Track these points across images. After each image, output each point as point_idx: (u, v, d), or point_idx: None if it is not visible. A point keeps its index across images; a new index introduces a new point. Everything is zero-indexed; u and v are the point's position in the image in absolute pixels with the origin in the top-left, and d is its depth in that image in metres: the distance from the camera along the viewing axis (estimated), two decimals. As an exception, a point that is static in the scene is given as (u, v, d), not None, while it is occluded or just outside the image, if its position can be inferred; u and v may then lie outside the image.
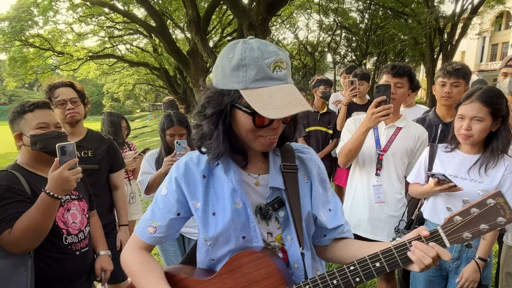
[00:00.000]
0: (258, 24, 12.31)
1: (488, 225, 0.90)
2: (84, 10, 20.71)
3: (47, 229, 1.46)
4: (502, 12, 30.49)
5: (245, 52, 0.91)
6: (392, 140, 2.18)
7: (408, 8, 21.82)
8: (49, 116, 1.62)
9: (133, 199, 3.25)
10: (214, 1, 17.87)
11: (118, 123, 3.18)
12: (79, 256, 1.66)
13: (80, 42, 23.39)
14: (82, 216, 1.73)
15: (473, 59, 35.37)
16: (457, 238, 0.91)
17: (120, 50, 27.84)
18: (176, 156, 2.30)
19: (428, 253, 0.89)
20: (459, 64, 2.37)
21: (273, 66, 0.91)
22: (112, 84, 36.76)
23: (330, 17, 26.03)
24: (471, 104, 1.70)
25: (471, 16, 21.13)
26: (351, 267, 0.95)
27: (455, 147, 1.86)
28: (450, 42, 21.86)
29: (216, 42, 24.51)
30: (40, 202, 1.42)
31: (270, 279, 0.99)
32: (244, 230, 1.04)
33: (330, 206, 1.15)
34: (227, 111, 0.96)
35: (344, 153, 2.16)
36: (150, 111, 45.28)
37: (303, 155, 1.15)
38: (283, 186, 1.06)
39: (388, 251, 0.93)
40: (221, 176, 1.06)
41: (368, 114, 1.98)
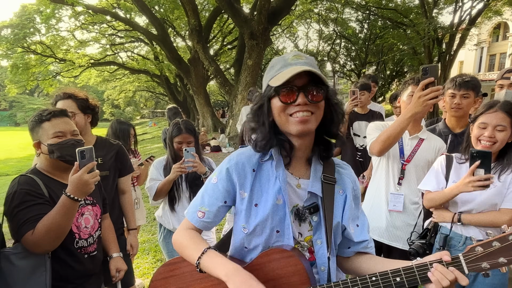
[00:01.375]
0: (259, 33, 12.47)
1: (507, 259, 0.95)
2: (86, 17, 20.91)
3: (66, 230, 1.53)
4: (499, 23, 30.83)
5: (274, 59, 1.17)
6: (416, 151, 2.21)
7: (407, 18, 22.09)
8: (66, 124, 1.66)
9: (138, 205, 3.29)
10: (216, 10, 18.09)
11: (127, 131, 3.24)
12: (87, 259, 1.72)
13: (82, 49, 23.58)
14: (95, 221, 1.79)
15: (471, 69, 35.64)
16: (476, 266, 0.97)
17: (121, 58, 28.04)
18: (185, 163, 2.36)
19: (447, 276, 0.95)
20: (468, 76, 2.40)
21: (291, 58, 1.11)
22: (113, 91, 36.92)
23: (330, 27, 26.34)
24: (496, 113, 1.76)
25: (469, 27, 21.40)
26: (373, 278, 1.02)
27: (466, 159, 1.90)
28: (448, 52, 22.09)
29: (217, 50, 24.70)
30: (61, 204, 1.47)
31: (296, 276, 1.07)
32: (279, 225, 1.14)
33: (358, 222, 1.24)
34: (265, 103, 1.14)
35: (382, 139, 2.06)
36: (150, 118, 45.42)
37: (342, 170, 1.25)
38: (320, 194, 1.16)
39: (410, 269, 1.00)
40: (269, 171, 1.17)
41: (415, 98, 1.83)
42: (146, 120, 45.17)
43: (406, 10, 22.13)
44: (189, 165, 2.35)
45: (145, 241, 4.58)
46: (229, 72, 28.81)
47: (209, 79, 24.04)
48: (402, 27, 23.32)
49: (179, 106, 25.36)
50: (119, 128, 3.22)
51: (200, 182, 2.53)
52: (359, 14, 24.70)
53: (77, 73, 24.38)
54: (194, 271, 1.16)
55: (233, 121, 13.22)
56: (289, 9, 15.13)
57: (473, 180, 1.67)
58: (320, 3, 22.32)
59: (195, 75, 18.26)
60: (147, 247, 4.36)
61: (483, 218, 1.82)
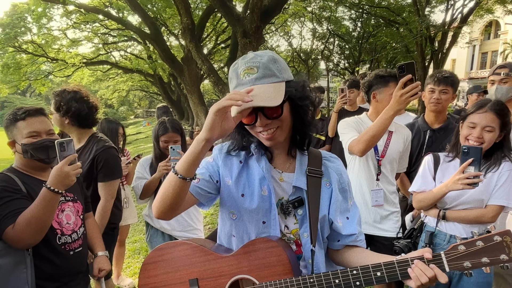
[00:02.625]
0: (252, 32, 12.44)
1: (490, 259, 0.95)
2: (78, 16, 20.74)
3: (48, 223, 1.52)
4: (491, 21, 31.08)
5: (231, 69, 1.14)
6: (388, 145, 2.26)
7: (400, 17, 22.19)
8: (41, 124, 1.64)
9: (127, 204, 3.28)
10: (209, 9, 18.03)
11: (116, 129, 3.22)
12: (73, 256, 1.71)
13: (74, 48, 23.40)
14: (76, 218, 1.78)
15: (463, 67, 35.94)
16: (457, 265, 0.97)
17: (114, 57, 27.85)
18: (171, 161, 2.35)
19: (426, 273, 0.97)
20: (448, 73, 2.48)
21: (242, 74, 1.08)
22: (106, 91, 36.65)
23: (323, 26, 26.37)
24: (485, 113, 1.76)
25: (461, 25, 21.55)
26: (354, 271, 1.04)
27: (455, 156, 1.92)
28: (440, 50, 22.24)
29: (211, 49, 24.64)
30: (41, 197, 1.47)
31: (279, 267, 1.10)
32: (265, 216, 1.17)
33: (349, 215, 1.24)
34: None
35: (365, 139, 2.06)
36: (144, 118, 45.16)
37: (329, 163, 1.27)
38: (305, 187, 1.18)
39: (390, 264, 1.02)
40: (254, 165, 1.22)
41: (396, 96, 1.87)
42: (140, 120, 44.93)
43: (398, 9, 22.23)
44: (175, 163, 2.35)
45: (137, 240, 4.57)
46: (223, 71, 28.75)
47: (203, 78, 23.99)
48: (395, 26, 23.43)
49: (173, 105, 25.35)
50: (107, 127, 3.21)
51: (187, 180, 2.54)
52: (352, 13, 24.78)
53: (70, 72, 24.19)
54: (183, 257, 1.21)
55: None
56: (281, 8, 15.14)
57: (463, 177, 1.67)
58: (314, 1, 22.34)
59: (188, 74, 18.19)
60: (138, 247, 4.34)
61: (468, 215, 1.82)
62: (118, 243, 3.42)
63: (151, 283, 1.25)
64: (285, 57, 31.56)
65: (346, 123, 2.35)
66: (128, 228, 3.46)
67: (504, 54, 30.31)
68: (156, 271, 1.25)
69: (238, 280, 1.17)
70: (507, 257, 0.94)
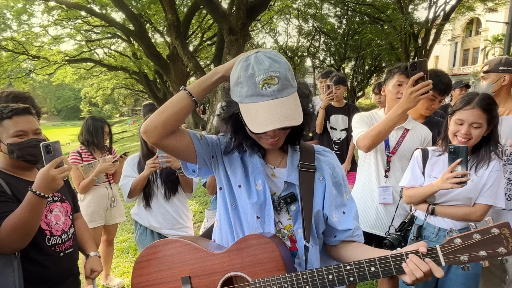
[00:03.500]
0: (238, 29, 12.40)
1: (487, 252, 0.92)
2: (60, 13, 20.27)
3: (35, 228, 1.47)
4: (472, 18, 31.73)
5: (241, 71, 1.03)
6: (401, 142, 2.20)
7: (384, 14, 22.45)
8: (28, 123, 1.58)
9: (115, 203, 3.24)
10: (194, 6, 17.85)
11: (101, 128, 3.16)
12: (64, 257, 1.66)
13: (56, 45, 22.85)
14: (66, 218, 1.73)
15: (446, 64, 36.63)
16: (453, 259, 0.95)
17: (98, 54, 27.36)
18: (159, 159, 2.33)
19: (421, 267, 0.94)
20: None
21: (262, 83, 1.00)
22: (90, 89, 35.95)
23: (309, 23, 26.47)
24: (472, 110, 1.75)
25: (443, 23, 21.94)
26: (348, 267, 1.03)
27: (444, 150, 1.92)
28: (424, 47, 22.62)
29: (196, 46, 24.45)
30: (27, 202, 1.41)
31: (272, 263, 1.09)
32: (260, 211, 1.17)
33: (345, 209, 1.22)
34: (233, 116, 1.13)
35: (372, 135, 2.03)
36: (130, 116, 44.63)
37: (322, 157, 1.25)
38: (297, 183, 1.17)
39: (385, 259, 1.00)
40: (248, 161, 1.22)
41: (406, 94, 1.81)
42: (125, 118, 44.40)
43: (383, 6, 22.48)
44: (163, 161, 2.32)
45: (125, 240, 4.52)
46: (210, 68, 28.56)
47: (189, 75, 23.76)
48: (380, 23, 23.69)
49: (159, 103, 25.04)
50: (93, 125, 3.15)
51: (175, 178, 2.51)
52: (337, 10, 24.95)
53: (52, 70, 23.65)
54: (176, 254, 1.21)
55: (213, 118, 13.14)
56: (267, 5, 15.12)
57: (451, 177, 1.68)
58: (299, -2, 22.41)
59: (174, 72, 18.03)
60: (127, 246, 4.30)
61: (456, 212, 1.83)
62: (106, 242, 3.38)
63: (144, 281, 1.24)
64: (271, 54, 31.53)
65: (360, 117, 2.30)
66: (116, 227, 3.42)
67: (485, 50, 31.00)
68: (149, 269, 1.25)
69: (231, 277, 1.16)
70: (506, 250, 0.91)
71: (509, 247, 0.91)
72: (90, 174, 2.98)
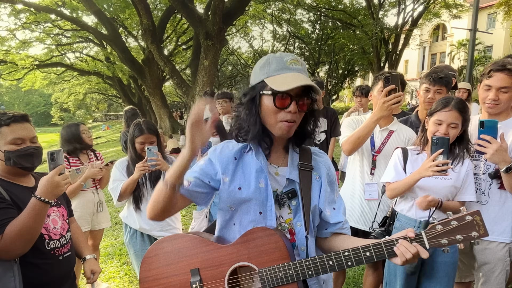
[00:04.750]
0: (214, 33, 12.50)
1: (463, 236, 1.10)
2: (28, 16, 19.62)
3: (38, 233, 1.50)
4: (438, 24, 33.23)
5: (269, 56, 1.23)
6: (385, 143, 2.37)
7: (356, 19, 23.20)
8: (25, 130, 1.60)
9: (101, 208, 3.24)
10: (169, 10, 17.77)
11: (77, 131, 3.13)
12: (62, 261, 1.68)
13: (25, 50, 22.08)
14: (63, 222, 1.75)
15: (415, 68, 38.13)
16: (436, 242, 1.11)
17: (69, 58, 26.63)
18: (148, 162, 2.38)
19: (410, 250, 1.09)
20: (443, 73, 2.59)
21: (289, 61, 1.18)
22: (61, 94, 34.89)
23: (283, 28, 26.90)
24: (450, 112, 1.91)
25: (412, 28, 22.93)
26: (346, 253, 1.15)
27: (422, 149, 2.08)
28: (394, 52, 23.51)
29: (172, 50, 24.26)
30: (31, 207, 1.44)
31: (277, 253, 1.18)
32: (262, 206, 1.25)
33: (335, 206, 1.36)
34: (257, 97, 1.20)
35: (351, 141, 2.22)
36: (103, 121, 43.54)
37: (318, 158, 1.37)
38: (297, 180, 1.27)
39: (378, 244, 1.13)
40: (250, 160, 1.28)
41: (380, 104, 2.01)
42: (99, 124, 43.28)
43: (354, 12, 23.24)
44: (152, 163, 2.38)
45: (108, 245, 4.49)
46: (185, 73, 28.43)
47: (165, 80, 23.56)
48: (352, 28, 24.45)
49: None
50: (68, 132, 3.13)
51: (164, 180, 2.57)
52: (310, 15, 25.51)
53: (20, 75, 22.83)
54: (183, 248, 1.27)
55: (191, 122, 13.12)
56: (243, 10, 15.30)
57: (433, 165, 1.81)
58: (273, 3, 22.74)
59: (150, 76, 17.86)
60: (111, 251, 4.27)
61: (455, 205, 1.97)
62: (92, 247, 3.36)
63: (153, 276, 1.29)
64: (247, 59, 31.81)
65: (347, 122, 2.48)
66: (102, 233, 3.41)
67: (451, 55, 32.53)
68: (157, 264, 1.29)
69: (238, 268, 1.23)
70: (477, 233, 1.09)
71: (480, 231, 1.09)
72: (77, 179, 2.98)
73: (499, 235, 1.99)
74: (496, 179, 1.99)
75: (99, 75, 25.43)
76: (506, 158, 1.76)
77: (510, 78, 1.91)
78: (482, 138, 1.80)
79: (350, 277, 3.32)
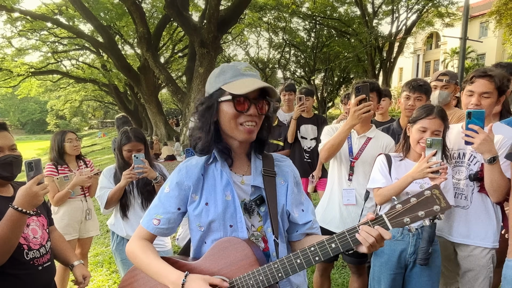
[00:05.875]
0: (209, 41, 12.57)
1: (425, 211, 1.06)
2: (24, 24, 19.67)
3: (15, 244, 1.48)
4: (432, 33, 33.58)
5: (223, 65, 1.26)
6: (363, 149, 2.41)
7: (350, 28, 23.42)
8: (4, 139, 1.58)
9: (89, 216, 3.23)
10: (165, 18, 17.87)
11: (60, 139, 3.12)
12: (42, 271, 1.66)
13: (21, 57, 22.08)
14: (43, 231, 1.73)
15: (410, 75, 38.40)
16: (398, 222, 1.08)
17: (65, 66, 26.63)
18: (135, 170, 2.39)
19: (371, 233, 1.07)
20: (422, 81, 2.71)
21: (244, 69, 1.23)
22: (57, 101, 34.83)
23: (279, 35, 27.11)
24: (434, 119, 1.97)
25: (406, 36, 23.21)
26: (312, 248, 1.14)
27: (405, 156, 2.12)
28: (388, 60, 23.74)
29: (168, 58, 24.37)
30: (8, 218, 1.42)
31: (245, 260, 1.18)
32: (231, 219, 1.25)
33: (303, 207, 1.37)
34: (214, 105, 1.22)
35: (326, 148, 2.29)
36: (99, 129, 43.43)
37: (281, 163, 1.39)
38: (262, 186, 1.29)
39: (342, 234, 1.13)
40: (214, 173, 1.29)
41: (351, 113, 2.10)
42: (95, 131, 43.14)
43: (349, 20, 23.48)
44: (139, 171, 2.38)
45: (98, 253, 4.46)
46: (181, 80, 28.50)
47: (161, 87, 23.59)
48: (346, 36, 24.68)
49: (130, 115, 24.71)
50: (54, 140, 3.13)
51: (151, 188, 2.57)
52: (306, 24, 25.73)
53: (16, 82, 22.79)
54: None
55: (187, 129, 13.13)
56: (238, 18, 15.41)
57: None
58: (269, 12, 22.96)
59: (145, 84, 17.90)
60: (101, 260, 4.25)
61: None
62: (80, 256, 3.35)
63: None
64: (243, 66, 31.89)
65: (326, 130, 2.53)
66: (90, 241, 3.40)
67: (445, 63, 32.91)
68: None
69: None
70: (439, 207, 1.05)
71: (441, 204, 1.06)
72: (65, 187, 2.98)
73: (482, 240, 2.01)
74: (476, 181, 2.02)
75: (95, 83, 25.45)
76: (492, 149, 1.77)
77: (491, 84, 1.96)
78: (470, 128, 1.80)
79: (339, 284, 3.32)
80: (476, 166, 2.02)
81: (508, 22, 19.28)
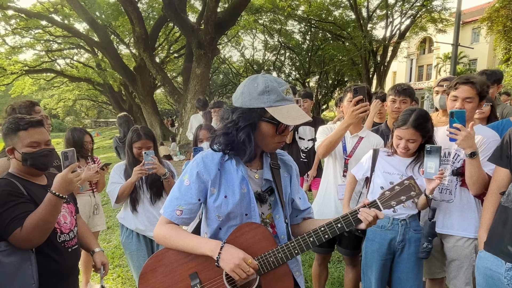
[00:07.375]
0: (206, 43, 12.70)
1: (405, 196, 1.43)
2: (19, 22, 19.57)
3: (53, 225, 1.66)
4: (425, 37, 34.15)
5: (267, 82, 1.33)
6: (356, 148, 2.62)
7: (345, 31, 23.70)
8: (41, 134, 1.75)
9: (97, 211, 3.36)
10: (161, 19, 17.94)
11: (81, 139, 3.27)
12: (71, 253, 1.85)
13: (14, 55, 21.95)
14: (71, 217, 1.91)
15: (403, 79, 38.80)
16: (387, 205, 1.42)
17: (59, 65, 26.50)
18: (145, 166, 2.54)
19: (370, 213, 1.36)
20: (406, 85, 2.96)
21: (285, 92, 1.35)
22: (50, 100, 34.67)
23: (275, 38, 27.32)
24: (407, 130, 2.15)
25: (399, 41, 23.54)
26: (322, 228, 1.38)
27: (394, 152, 2.33)
28: (382, 63, 24.05)
29: (163, 58, 24.39)
30: (47, 202, 1.61)
31: (265, 241, 1.37)
32: (247, 209, 1.42)
33: (300, 195, 1.62)
34: (256, 123, 1.35)
35: (325, 144, 2.47)
36: (93, 128, 43.17)
37: (283, 157, 1.62)
38: (272, 178, 1.49)
39: (345, 216, 1.40)
40: (231, 168, 1.44)
41: (349, 112, 2.31)
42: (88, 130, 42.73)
43: (344, 24, 23.73)
44: (149, 167, 2.53)
45: (104, 248, 4.56)
46: (176, 81, 28.56)
47: (156, 87, 23.63)
48: (341, 40, 24.95)
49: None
50: (74, 136, 3.27)
51: (160, 183, 2.72)
52: (301, 26, 25.97)
53: (9, 81, 22.63)
54: (178, 256, 1.38)
55: (183, 130, 13.24)
56: (235, 20, 15.54)
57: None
58: (264, 14, 23.16)
59: (141, 84, 17.93)
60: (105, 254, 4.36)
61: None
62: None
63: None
64: (238, 68, 32.12)
65: (322, 129, 2.73)
66: (97, 235, 3.52)
67: (438, 67, 33.42)
68: (156, 277, 1.38)
69: None
70: (415, 192, 1.43)
71: (416, 190, 1.44)
72: (74, 182, 3.10)
73: (464, 230, 2.20)
74: (459, 176, 2.20)
75: (90, 82, 25.33)
76: (473, 145, 1.96)
77: (473, 89, 2.14)
78: (454, 126, 1.99)
79: (335, 278, 3.49)
80: (459, 163, 2.21)
81: (499, 29, 19.75)
